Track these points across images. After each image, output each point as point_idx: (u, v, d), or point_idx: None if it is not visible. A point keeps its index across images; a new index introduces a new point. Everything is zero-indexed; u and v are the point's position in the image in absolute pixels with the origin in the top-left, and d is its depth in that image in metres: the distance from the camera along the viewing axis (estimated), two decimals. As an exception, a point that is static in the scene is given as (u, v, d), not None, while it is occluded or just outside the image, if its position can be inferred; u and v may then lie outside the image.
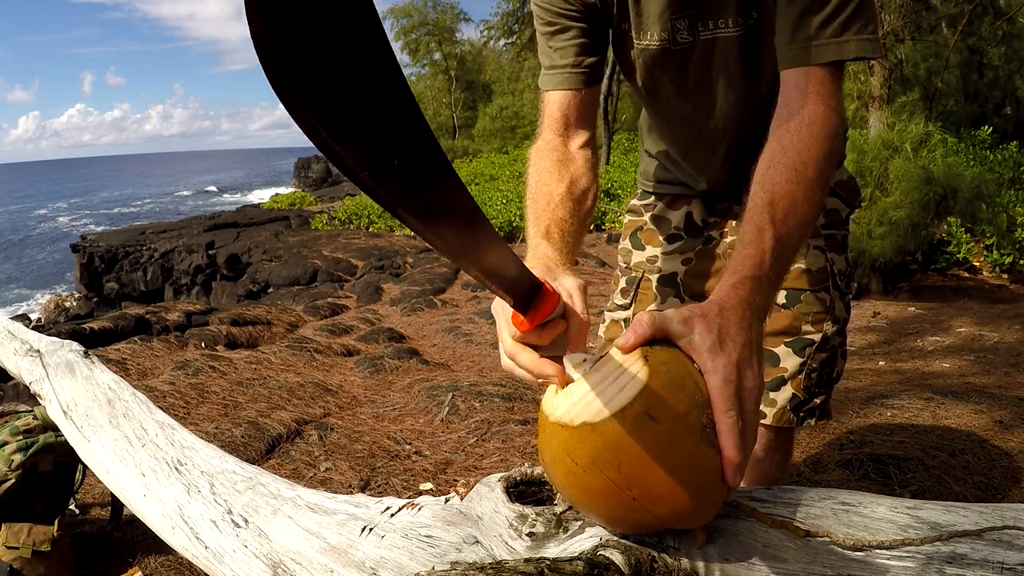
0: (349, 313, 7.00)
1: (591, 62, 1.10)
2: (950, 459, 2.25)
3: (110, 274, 15.07)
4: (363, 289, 8.25)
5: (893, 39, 10.19)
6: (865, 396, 3.00)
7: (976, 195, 5.95)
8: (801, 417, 1.20)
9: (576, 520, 0.68)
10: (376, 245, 12.18)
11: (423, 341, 5.53)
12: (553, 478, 0.64)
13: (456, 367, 4.52)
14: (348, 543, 0.82)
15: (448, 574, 0.59)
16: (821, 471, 2.28)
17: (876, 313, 4.78)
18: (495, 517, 0.72)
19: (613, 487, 0.58)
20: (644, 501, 0.58)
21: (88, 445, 1.34)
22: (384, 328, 5.81)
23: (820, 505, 0.66)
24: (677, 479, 0.57)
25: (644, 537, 0.64)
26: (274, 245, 11.45)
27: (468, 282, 8.92)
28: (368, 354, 4.69)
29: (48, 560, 1.57)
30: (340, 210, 16.74)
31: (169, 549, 1.35)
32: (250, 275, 9.90)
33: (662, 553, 0.63)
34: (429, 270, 9.77)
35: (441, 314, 6.74)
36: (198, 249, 12.99)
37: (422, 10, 36.91)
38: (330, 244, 11.98)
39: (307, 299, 7.89)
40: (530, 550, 0.67)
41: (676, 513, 0.59)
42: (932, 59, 12.16)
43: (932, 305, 5.20)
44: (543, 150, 1.06)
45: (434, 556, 0.75)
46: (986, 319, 4.38)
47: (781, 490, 0.70)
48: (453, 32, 37.41)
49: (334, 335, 5.47)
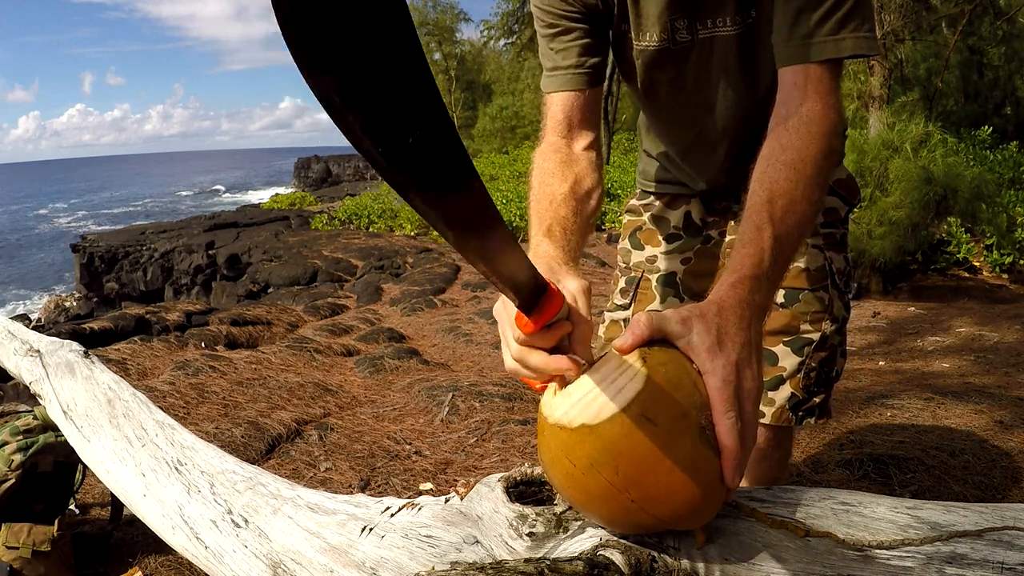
0: (349, 313, 7.00)
1: (593, 63, 1.10)
2: (950, 459, 2.25)
3: (110, 274, 15.06)
4: (363, 289, 8.25)
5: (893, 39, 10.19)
6: (865, 396, 3.00)
7: (976, 195, 5.95)
8: (800, 416, 1.20)
9: (576, 520, 0.68)
10: (376, 245, 12.18)
11: (423, 341, 5.53)
12: (552, 479, 0.64)
13: (456, 367, 4.52)
14: (348, 543, 0.82)
15: (448, 574, 0.59)
16: (821, 471, 2.28)
17: (876, 313, 4.78)
18: (495, 517, 0.72)
19: (611, 489, 0.58)
20: (643, 503, 0.58)
21: (88, 445, 1.34)
22: (384, 328, 5.81)
23: (820, 505, 0.66)
24: (676, 481, 0.57)
25: (644, 537, 0.64)
26: (274, 245, 11.45)
27: (468, 282, 8.91)
28: (368, 354, 4.68)
29: (48, 560, 1.57)
30: (340, 210, 16.74)
31: (169, 549, 1.35)
32: (250, 275, 9.90)
33: (662, 553, 0.63)
34: (429, 270, 9.77)
35: (441, 314, 6.73)
36: (198, 249, 13.00)
37: (422, 10, 36.92)
38: (330, 244, 11.97)
39: (307, 299, 7.89)
40: (530, 550, 0.67)
41: (675, 514, 0.59)
42: (932, 59, 12.16)
43: (932, 305, 5.20)
44: (546, 152, 1.06)
45: (434, 556, 0.75)
46: (986, 319, 4.38)
47: (781, 490, 0.70)
48: (453, 32, 37.43)
49: (334, 335, 5.47)
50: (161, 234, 16.40)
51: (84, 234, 20.11)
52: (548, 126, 1.11)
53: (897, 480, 2.15)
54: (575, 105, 1.09)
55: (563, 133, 1.08)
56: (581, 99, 1.09)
